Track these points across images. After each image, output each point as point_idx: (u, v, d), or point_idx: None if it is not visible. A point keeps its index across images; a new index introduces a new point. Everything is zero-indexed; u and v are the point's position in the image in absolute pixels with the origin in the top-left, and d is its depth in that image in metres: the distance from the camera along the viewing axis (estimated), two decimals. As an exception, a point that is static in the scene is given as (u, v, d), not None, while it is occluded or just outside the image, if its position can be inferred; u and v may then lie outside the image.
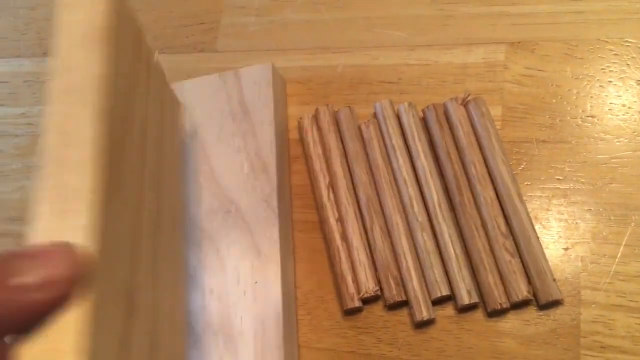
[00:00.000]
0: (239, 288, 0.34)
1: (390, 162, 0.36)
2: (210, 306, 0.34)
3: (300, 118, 0.38)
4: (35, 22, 0.49)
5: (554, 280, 0.31)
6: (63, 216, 0.21)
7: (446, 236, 0.33)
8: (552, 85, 0.36)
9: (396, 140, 0.36)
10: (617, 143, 0.34)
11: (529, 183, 0.34)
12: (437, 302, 0.33)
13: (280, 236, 0.34)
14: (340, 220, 0.35)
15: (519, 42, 0.37)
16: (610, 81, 0.35)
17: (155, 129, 0.31)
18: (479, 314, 0.33)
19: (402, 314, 0.34)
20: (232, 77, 0.39)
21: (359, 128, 0.37)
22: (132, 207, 0.26)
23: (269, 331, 0.32)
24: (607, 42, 0.36)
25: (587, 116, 0.35)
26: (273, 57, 0.41)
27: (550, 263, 0.32)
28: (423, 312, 0.32)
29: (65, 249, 0.19)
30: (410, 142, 0.36)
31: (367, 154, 0.36)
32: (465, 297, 0.32)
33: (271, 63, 0.38)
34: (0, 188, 0.44)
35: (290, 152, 0.39)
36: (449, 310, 0.33)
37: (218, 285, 0.34)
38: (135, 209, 0.27)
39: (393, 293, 0.33)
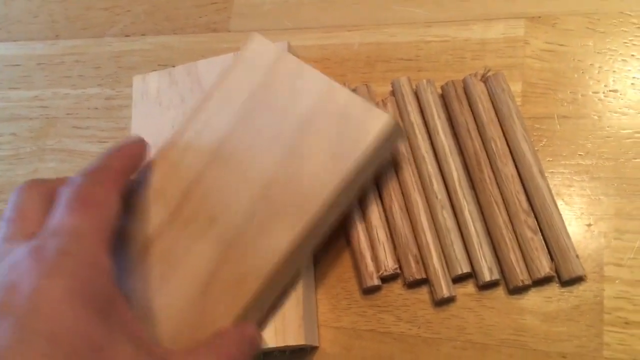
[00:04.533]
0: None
1: (408, 140, 0.35)
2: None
3: (317, 96, 0.38)
4: (47, 5, 0.48)
5: (577, 256, 0.31)
6: None
7: (466, 213, 0.33)
8: (573, 59, 0.35)
9: (414, 117, 0.35)
10: (641, 118, 0.33)
11: (550, 159, 0.34)
12: (458, 279, 0.33)
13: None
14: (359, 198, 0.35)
15: (539, 17, 0.36)
16: (633, 55, 0.35)
17: None
18: (499, 292, 0.32)
19: (422, 292, 0.33)
20: (247, 55, 0.38)
21: (377, 106, 0.37)
22: None
23: (289, 310, 0.32)
24: (630, 15, 0.35)
25: (610, 91, 0.34)
26: (288, 36, 0.41)
27: (572, 239, 0.31)
28: (443, 289, 0.32)
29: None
30: (429, 119, 0.35)
31: (385, 132, 0.36)
32: (487, 274, 0.31)
33: (287, 42, 0.38)
34: (15, 171, 0.44)
35: (307, 131, 0.39)
36: (469, 287, 0.33)
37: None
38: None
39: (413, 271, 0.33)
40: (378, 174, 0.35)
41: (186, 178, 0.33)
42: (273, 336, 0.32)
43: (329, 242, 0.36)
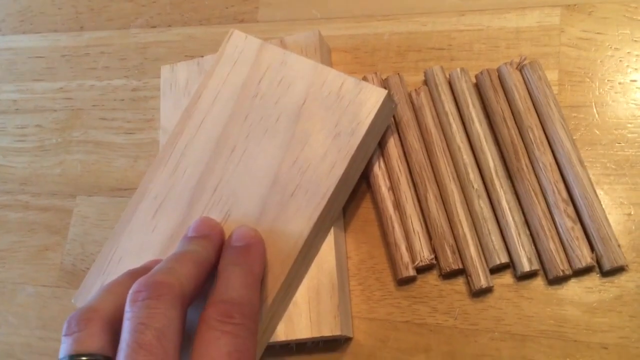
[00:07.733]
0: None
1: (442, 129, 0.35)
2: (262, 276, 0.33)
3: (348, 86, 0.37)
4: (71, -4, 0.48)
5: (619, 246, 0.30)
6: None
7: (504, 203, 0.32)
8: (610, 48, 0.35)
9: (449, 107, 0.35)
10: (680, 106, 0.33)
11: (588, 148, 0.33)
12: (495, 270, 0.32)
13: (332, 205, 0.34)
14: (393, 189, 0.34)
15: (574, 5, 0.36)
16: (671, 43, 0.34)
17: None
18: (538, 282, 0.32)
19: (458, 283, 0.33)
20: (278, 45, 0.38)
21: (409, 95, 0.36)
22: None
23: (323, 301, 0.32)
24: (667, 3, 0.35)
25: (648, 79, 0.34)
26: (316, 27, 0.40)
27: (613, 229, 0.31)
28: (481, 280, 0.32)
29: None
30: (464, 109, 0.35)
31: (418, 122, 0.35)
32: (526, 264, 0.31)
33: (317, 30, 0.37)
34: (41, 163, 0.44)
35: (337, 121, 0.38)
36: (507, 278, 0.32)
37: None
38: None
39: (449, 261, 0.32)
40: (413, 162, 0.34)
41: (191, 181, 0.33)
42: (308, 326, 0.31)
43: (362, 233, 0.35)
